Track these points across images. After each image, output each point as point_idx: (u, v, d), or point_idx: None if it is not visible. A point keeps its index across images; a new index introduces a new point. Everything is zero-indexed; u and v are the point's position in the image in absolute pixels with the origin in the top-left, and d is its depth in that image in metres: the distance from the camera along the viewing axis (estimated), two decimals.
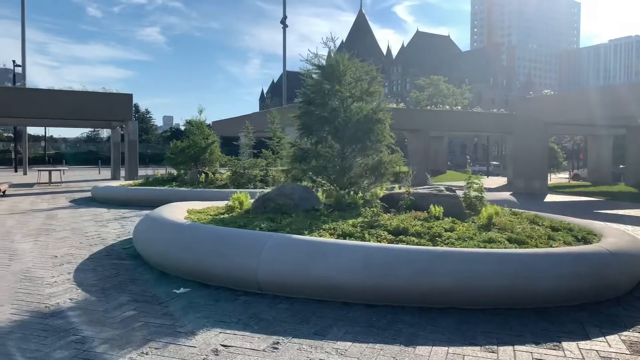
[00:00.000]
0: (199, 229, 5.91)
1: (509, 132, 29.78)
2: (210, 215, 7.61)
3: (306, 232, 5.75)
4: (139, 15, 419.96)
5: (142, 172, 26.57)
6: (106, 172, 35.16)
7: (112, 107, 22.77)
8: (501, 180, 33.60)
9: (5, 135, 75.32)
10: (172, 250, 5.88)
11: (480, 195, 7.68)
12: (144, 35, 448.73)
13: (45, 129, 61.72)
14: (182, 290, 5.26)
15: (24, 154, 34.77)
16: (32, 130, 37.25)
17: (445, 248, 4.98)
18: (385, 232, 5.74)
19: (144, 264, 6.52)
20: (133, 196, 14.35)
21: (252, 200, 8.46)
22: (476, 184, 7.81)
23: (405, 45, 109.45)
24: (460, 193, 7.78)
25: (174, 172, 18.55)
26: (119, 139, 29.95)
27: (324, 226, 6.07)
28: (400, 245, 5.00)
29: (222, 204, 9.38)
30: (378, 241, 5.45)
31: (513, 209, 7.81)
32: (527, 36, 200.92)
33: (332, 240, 5.21)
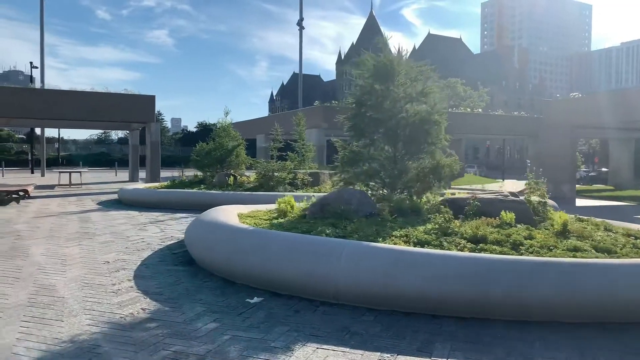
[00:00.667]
0: (267, 235, 5.65)
1: (534, 136, 29.35)
2: (264, 219, 7.36)
3: (380, 239, 5.48)
4: (148, 18, 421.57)
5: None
6: (122, 174, 35.11)
7: (135, 108, 22.64)
8: (518, 184, 33.09)
9: (18, 137, 75.73)
10: (238, 257, 5.62)
11: (543, 200, 7.38)
12: (153, 38, 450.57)
13: (58, 131, 61.97)
14: (255, 299, 5.00)
15: (41, 155, 34.76)
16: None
17: (545, 258, 4.68)
18: (463, 240, 5.46)
19: (201, 270, 6.27)
20: (163, 199, 14.14)
21: (300, 204, 8.24)
22: (538, 189, 7.52)
23: (416, 47, 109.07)
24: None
25: (199, 174, 18.34)
26: (137, 140, 29.88)
27: (393, 233, 5.79)
28: (495, 255, 4.71)
29: (264, 207, 9.15)
30: (459, 249, 5.17)
31: (577, 216, 7.48)
32: (537, 39, 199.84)
33: (419, 249, 4.93)
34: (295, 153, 18.45)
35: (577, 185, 34.67)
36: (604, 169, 43.44)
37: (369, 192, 7.96)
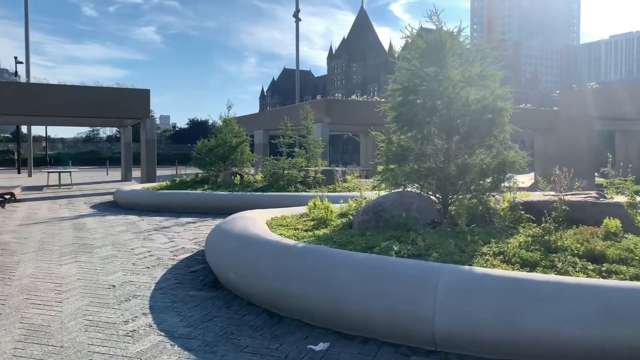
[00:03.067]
0: (328, 256, 4.36)
1: (542, 129, 28.26)
2: (301, 229, 6.11)
3: (475, 259, 4.25)
4: (135, 15, 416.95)
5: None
6: (114, 174, 33.61)
7: (129, 103, 21.15)
8: (525, 179, 32.01)
9: (4, 136, 73.61)
10: (288, 284, 4.35)
11: (634, 202, 6.19)
12: (140, 35, 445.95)
13: (46, 129, 60.04)
14: (321, 346, 3.74)
15: (28, 155, 33.14)
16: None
17: None
18: (578, 259, 4.25)
19: (234, 298, 5.00)
20: (165, 201, 12.79)
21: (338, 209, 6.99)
22: (629, 189, 6.35)
23: (409, 41, 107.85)
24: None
25: (200, 173, 17.00)
26: (130, 138, 28.43)
27: (482, 250, 4.57)
28: None
29: (287, 211, 7.93)
30: (580, 271, 3.95)
31: None
32: (527, 33, 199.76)
33: (545, 276, 3.68)
34: (303, 149, 17.16)
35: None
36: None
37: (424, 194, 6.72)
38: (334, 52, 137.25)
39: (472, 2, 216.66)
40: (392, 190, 6.74)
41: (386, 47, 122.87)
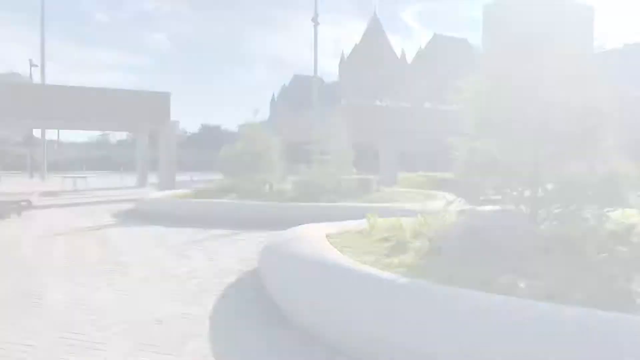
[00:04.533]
0: (454, 298, 3.39)
1: None
2: (376, 254, 5.17)
3: None
4: (146, 21, 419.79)
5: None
6: (128, 179, 32.90)
7: (149, 107, 20.41)
8: None
9: (16, 140, 73.42)
10: (398, 334, 3.40)
11: None
12: (151, 41, 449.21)
13: (58, 133, 59.65)
14: None
15: (42, 159, 32.55)
16: (39, 134, 34.65)
17: None
18: None
19: (313, 341, 4.06)
20: (194, 212, 11.91)
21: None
22: None
23: (422, 48, 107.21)
24: None
25: (223, 179, 16.16)
26: (146, 143, 27.70)
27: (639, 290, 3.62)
28: None
29: (341, 227, 7.01)
30: None
31: None
32: None
33: None
34: (332, 157, 16.25)
35: None
36: None
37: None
38: (345, 59, 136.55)
39: (484, 12, 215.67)
40: (475, 207, 5.82)
41: (399, 55, 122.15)
